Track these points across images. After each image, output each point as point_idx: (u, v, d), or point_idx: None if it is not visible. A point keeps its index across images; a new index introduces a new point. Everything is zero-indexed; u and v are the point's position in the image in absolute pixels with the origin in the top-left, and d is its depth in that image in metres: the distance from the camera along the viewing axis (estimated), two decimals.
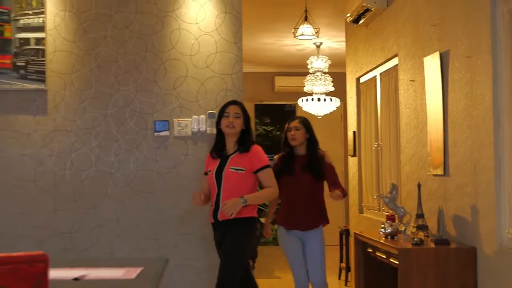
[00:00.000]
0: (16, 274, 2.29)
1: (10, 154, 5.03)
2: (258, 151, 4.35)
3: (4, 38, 4.98)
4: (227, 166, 4.28)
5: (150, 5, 5.14)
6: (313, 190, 4.79)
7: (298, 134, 4.85)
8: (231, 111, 4.34)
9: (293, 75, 10.28)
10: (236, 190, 4.22)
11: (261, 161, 4.31)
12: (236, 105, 4.38)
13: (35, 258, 2.33)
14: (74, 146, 5.07)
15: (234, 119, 4.31)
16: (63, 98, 5.08)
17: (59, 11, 5.08)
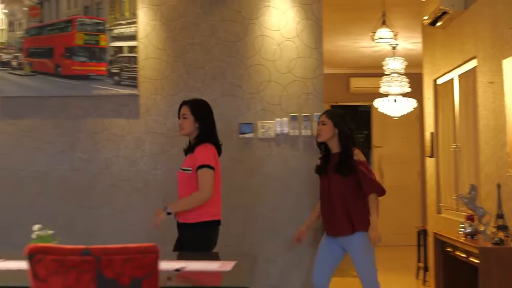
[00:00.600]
0: (132, 263, 2.57)
1: (107, 155, 5.37)
2: (201, 149, 4.17)
3: (100, 47, 5.32)
4: (181, 166, 4.29)
5: (234, 13, 5.39)
6: (344, 193, 4.42)
7: (324, 129, 4.51)
8: (181, 112, 4.29)
9: (368, 76, 10.39)
10: (185, 190, 4.19)
11: (200, 160, 4.12)
12: (185, 105, 4.28)
13: (148, 249, 2.59)
14: (164, 148, 5.37)
15: (182, 121, 4.26)
16: (154, 102, 5.39)
17: (150, 20, 5.39)
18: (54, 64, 5.34)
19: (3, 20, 5.33)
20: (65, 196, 5.38)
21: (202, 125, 4.23)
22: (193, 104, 4.27)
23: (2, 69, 5.34)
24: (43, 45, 5.34)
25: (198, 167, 4.09)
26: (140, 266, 2.57)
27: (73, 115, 5.39)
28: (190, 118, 4.22)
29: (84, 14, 5.33)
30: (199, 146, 4.17)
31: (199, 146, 4.17)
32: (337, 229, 4.44)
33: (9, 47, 5.34)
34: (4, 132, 5.39)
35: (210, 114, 4.30)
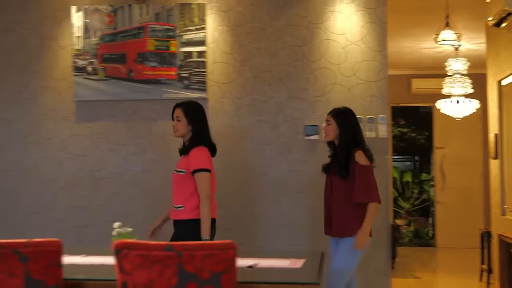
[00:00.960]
0: (211, 259, 2.73)
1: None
2: (196, 152, 4.24)
3: (170, 52, 5.53)
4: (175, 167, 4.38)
5: (300, 18, 5.52)
6: (341, 194, 4.38)
7: (329, 129, 4.50)
8: (174, 115, 4.36)
9: (430, 77, 10.35)
10: (178, 191, 4.28)
11: (196, 163, 4.20)
12: (178, 108, 4.35)
13: (227, 245, 2.76)
14: (231, 149, 5.54)
15: (175, 123, 4.34)
16: (221, 105, 5.57)
17: (218, 26, 5.57)
18: (127, 69, 5.57)
19: (79, 28, 5.59)
20: (137, 196, 5.60)
21: (195, 127, 4.31)
22: (186, 107, 4.35)
23: (78, 74, 5.60)
24: (116, 51, 5.58)
25: (194, 171, 4.19)
26: (219, 261, 2.73)
27: (145, 118, 5.61)
28: (183, 120, 4.31)
29: (155, 21, 5.54)
30: (193, 149, 4.26)
31: (193, 149, 4.26)
32: (333, 228, 4.44)
33: (84, 53, 5.60)
34: (80, 134, 5.65)
35: (203, 116, 4.38)
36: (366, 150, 4.45)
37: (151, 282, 2.74)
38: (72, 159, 5.63)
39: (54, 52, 5.68)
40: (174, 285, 2.73)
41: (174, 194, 4.34)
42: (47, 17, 5.69)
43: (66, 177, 5.66)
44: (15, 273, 2.79)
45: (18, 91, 5.71)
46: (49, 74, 5.69)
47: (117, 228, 3.59)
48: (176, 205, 4.29)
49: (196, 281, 2.73)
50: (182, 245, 2.73)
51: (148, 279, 2.74)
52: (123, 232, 3.56)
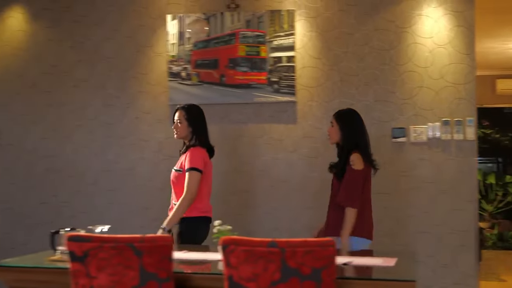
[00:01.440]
0: (312, 255, 2.89)
1: (266, 158, 5.78)
2: (193, 152, 4.48)
3: (260, 58, 5.73)
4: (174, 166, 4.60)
5: (388, 22, 5.62)
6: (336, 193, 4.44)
7: (331, 131, 4.56)
8: (175, 117, 4.60)
9: None
10: (177, 188, 4.51)
11: (189, 163, 4.44)
12: (180, 111, 4.59)
13: (327, 243, 2.91)
14: (320, 151, 5.69)
15: (176, 125, 4.58)
16: (310, 108, 5.73)
17: (307, 32, 5.73)
18: (219, 74, 5.80)
19: (174, 35, 5.87)
20: (228, 195, 5.83)
21: (195, 129, 4.55)
22: (187, 110, 4.58)
23: (173, 79, 5.88)
24: (209, 57, 5.82)
25: (187, 169, 4.43)
26: (320, 258, 2.89)
27: (235, 121, 5.83)
28: (184, 123, 4.55)
29: (246, 27, 5.75)
30: (190, 149, 4.51)
31: (191, 149, 4.51)
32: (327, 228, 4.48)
33: (179, 59, 5.87)
34: None
35: (202, 119, 4.62)
36: (367, 153, 4.47)
37: (255, 276, 2.92)
38: (166, 160, 5.90)
39: (150, 59, 5.98)
40: (277, 279, 2.90)
41: (174, 190, 4.56)
42: (143, 25, 5.99)
43: (161, 177, 5.93)
44: (131, 266, 3.03)
45: (116, 96, 6.03)
46: (145, 79, 5.99)
47: (217, 226, 3.79)
48: (177, 202, 4.48)
49: (297, 276, 2.89)
50: (285, 242, 2.90)
51: (253, 273, 2.92)
52: (223, 229, 3.76)
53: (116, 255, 3.03)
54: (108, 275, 3.05)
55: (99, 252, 3.04)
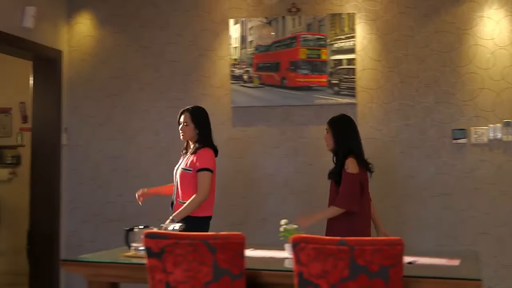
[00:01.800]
0: (380, 253, 2.99)
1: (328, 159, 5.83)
2: (203, 153, 4.66)
3: (321, 60, 5.83)
4: (182, 165, 4.73)
5: (448, 24, 5.66)
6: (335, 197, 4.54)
7: (327, 137, 4.68)
8: (182, 120, 4.76)
9: None
10: (185, 187, 4.64)
11: (201, 163, 4.61)
12: (185, 113, 4.75)
13: (395, 241, 3.00)
14: (380, 152, 5.76)
15: (183, 128, 4.74)
16: (370, 110, 5.81)
17: (367, 34, 5.81)
18: (280, 77, 5.93)
19: (236, 39, 6.02)
20: (289, 196, 5.94)
21: (201, 131, 4.73)
22: (193, 112, 4.76)
23: (235, 82, 6.03)
24: (270, 60, 5.95)
25: (199, 169, 4.60)
26: (388, 256, 2.98)
27: (296, 122, 5.94)
28: (190, 125, 4.74)
29: (307, 31, 5.86)
30: (201, 150, 4.67)
31: (201, 150, 4.67)
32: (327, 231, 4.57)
33: (241, 62, 6.02)
34: (237, 138, 6.08)
35: (208, 121, 4.80)
36: (361, 158, 4.58)
37: (325, 273, 3.03)
38: (229, 160, 6.06)
39: (213, 62, 6.14)
40: (346, 276, 3.01)
41: (182, 189, 4.69)
42: (207, 29, 6.16)
43: (224, 177, 6.08)
44: (205, 262, 3.18)
45: (180, 98, 6.21)
46: (208, 82, 6.16)
47: (284, 225, 3.91)
48: (184, 200, 4.64)
49: (366, 273, 2.99)
50: (354, 240, 3.01)
51: (323, 270, 3.04)
52: (289, 228, 3.88)
53: (191, 251, 3.18)
54: (183, 270, 3.20)
55: (175, 248, 3.20)
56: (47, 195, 6.38)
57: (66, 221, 6.47)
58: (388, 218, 5.68)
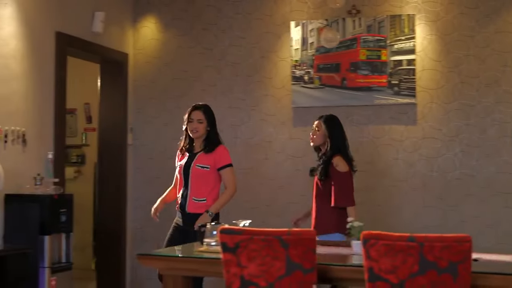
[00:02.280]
0: (449, 250, 3.08)
1: (386, 158, 5.97)
2: (222, 150, 4.78)
3: (381, 61, 5.92)
4: (194, 163, 4.74)
5: (509, 24, 5.68)
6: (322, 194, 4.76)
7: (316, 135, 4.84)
8: (195, 117, 4.78)
9: None
10: (200, 184, 4.71)
11: (224, 160, 4.74)
12: (199, 111, 4.80)
13: (463, 238, 3.10)
14: (440, 152, 5.82)
15: (197, 125, 4.75)
16: (430, 110, 5.87)
17: (427, 35, 5.88)
18: (340, 77, 6.05)
19: (297, 41, 6.16)
20: None
21: (213, 129, 4.82)
22: (206, 110, 4.84)
23: (296, 83, 6.17)
24: (331, 61, 6.07)
25: (223, 166, 4.75)
26: (456, 252, 3.08)
27: (356, 122, 6.05)
28: (204, 122, 4.79)
29: (367, 32, 5.96)
30: (218, 148, 4.78)
31: (218, 148, 4.78)
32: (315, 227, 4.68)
33: (302, 64, 6.15)
34: (297, 137, 6.21)
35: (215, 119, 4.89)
36: (349, 157, 4.79)
37: (395, 268, 3.14)
38: (289, 159, 6.20)
39: (274, 64, 6.29)
40: (416, 271, 3.11)
41: (196, 187, 4.75)
42: (268, 32, 6.32)
43: (284, 176, 6.24)
44: (278, 257, 3.32)
45: (242, 99, 6.38)
46: (270, 83, 6.31)
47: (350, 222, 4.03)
48: (199, 198, 4.75)
49: (435, 269, 3.09)
50: (423, 236, 3.11)
51: (392, 265, 3.15)
52: (356, 225, 3.99)
53: (265, 247, 3.33)
54: (257, 265, 3.35)
55: (250, 243, 3.35)
56: (113, 193, 6.63)
57: (132, 218, 6.70)
58: (448, 217, 5.77)
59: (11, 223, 4.88)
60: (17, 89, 5.15)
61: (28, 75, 5.27)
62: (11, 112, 5.07)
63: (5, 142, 4.99)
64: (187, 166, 4.81)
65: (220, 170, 4.79)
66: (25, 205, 4.86)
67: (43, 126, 5.43)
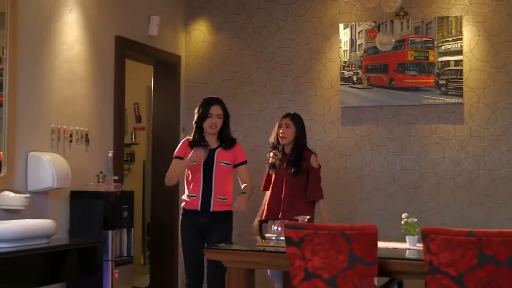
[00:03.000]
0: (507, 245, 3.24)
1: (434, 157, 6.11)
2: (239, 147, 4.83)
3: (428, 62, 6.07)
4: (217, 159, 4.68)
5: None
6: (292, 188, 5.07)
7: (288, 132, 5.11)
8: (214, 112, 4.71)
9: None
10: (225, 182, 4.71)
11: (243, 156, 4.81)
12: (218, 106, 4.74)
13: None
14: (487, 150, 5.95)
15: (216, 120, 4.71)
16: (477, 109, 6.00)
17: (474, 36, 6.00)
18: (388, 78, 6.20)
19: (346, 43, 6.33)
20: (396, 191, 6.21)
21: (228, 124, 4.81)
22: (223, 105, 4.80)
23: (344, 83, 6.34)
24: (379, 62, 6.23)
25: (241, 162, 4.80)
26: None
27: (404, 121, 6.20)
28: (222, 117, 4.76)
29: (415, 33, 6.11)
30: (237, 144, 4.82)
31: (236, 144, 4.82)
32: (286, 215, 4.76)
33: (350, 65, 6.32)
34: (346, 136, 6.39)
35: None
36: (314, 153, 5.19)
37: (454, 262, 3.32)
38: (338, 158, 6.37)
39: (323, 65, 6.47)
40: (474, 265, 3.28)
41: (221, 184, 4.71)
42: (317, 34, 6.50)
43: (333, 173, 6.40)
44: (342, 250, 3.51)
45: (291, 99, 6.58)
46: (319, 84, 6.49)
47: (404, 218, 4.20)
48: (223, 196, 4.72)
49: (493, 262, 3.26)
50: (482, 232, 3.28)
51: (452, 259, 3.32)
52: (410, 221, 4.17)
53: (329, 241, 3.53)
54: (321, 258, 3.55)
55: (314, 238, 3.55)
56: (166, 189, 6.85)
57: None
58: (495, 214, 5.89)
59: (76, 219, 5.12)
60: (81, 91, 5.41)
61: (91, 78, 5.52)
62: (75, 113, 5.33)
63: (70, 142, 5.24)
64: (210, 163, 4.71)
65: (237, 166, 4.82)
66: (90, 202, 5.10)
67: (104, 126, 5.68)
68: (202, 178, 4.69)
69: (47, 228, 4.26)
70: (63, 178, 4.86)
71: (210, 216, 4.71)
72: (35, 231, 4.15)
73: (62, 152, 5.11)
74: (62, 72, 5.18)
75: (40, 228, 4.21)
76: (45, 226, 4.26)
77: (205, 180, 4.70)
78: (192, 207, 4.75)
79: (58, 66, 5.14)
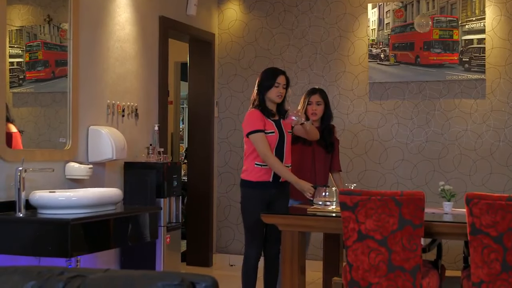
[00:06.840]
0: None
1: (457, 129, 6.52)
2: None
3: (453, 40, 6.45)
4: (285, 130, 4.75)
5: None
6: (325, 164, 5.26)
7: (319, 109, 5.19)
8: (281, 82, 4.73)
9: None
10: (289, 150, 4.82)
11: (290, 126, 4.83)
12: (284, 76, 4.76)
13: None
14: (507, 123, 6.36)
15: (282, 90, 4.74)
16: (498, 85, 6.39)
17: (496, 16, 6.38)
18: (414, 55, 6.58)
19: (374, 22, 6.70)
20: (421, 162, 6.63)
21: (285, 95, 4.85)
22: (287, 76, 4.83)
23: (372, 60, 6.72)
24: (405, 40, 6.61)
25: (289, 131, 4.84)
26: None
27: (428, 96, 6.59)
28: (285, 88, 4.79)
29: (440, 13, 6.48)
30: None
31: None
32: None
33: (378, 43, 6.70)
34: (373, 110, 6.79)
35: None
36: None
37: (495, 223, 3.74)
38: (366, 131, 6.78)
39: (352, 43, 6.85)
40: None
41: (288, 155, 4.81)
42: (346, 13, 6.86)
43: (361, 146, 6.82)
44: (392, 214, 3.93)
45: (321, 75, 6.96)
46: (347, 61, 6.87)
47: (441, 186, 4.62)
48: (288, 164, 4.83)
49: None
50: None
51: (492, 221, 3.74)
52: (446, 189, 4.58)
53: (381, 205, 3.94)
54: (373, 221, 3.97)
55: (367, 203, 3.96)
56: (202, 161, 7.28)
57: (217, 184, 7.36)
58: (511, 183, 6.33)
59: (130, 188, 5.52)
60: (131, 69, 5.78)
61: (139, 56, 5.89)
62: (127, 89, 5.71)
63: (122, 116, 5.63)
64: (282, 134, 4.77)
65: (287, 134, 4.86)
66: (143, 172, 5.49)
67: (150, 101, 6.06)
68: (276, 148, 4.76)
69: (115, 196, 4.66)
70: (120, 150, 5.25)
71: (276, 187, 4.81)
72: (107, 199, 4.55)
73: (116, 126, 5.51)
74: (115, 51, 5.56)
75: (110, 196, 4.61)
76: (114, 194, 4.66)
77: (280, 150, 4.77)
78: (262, 179, 4.77)
79: (112, 45, 5.52)
